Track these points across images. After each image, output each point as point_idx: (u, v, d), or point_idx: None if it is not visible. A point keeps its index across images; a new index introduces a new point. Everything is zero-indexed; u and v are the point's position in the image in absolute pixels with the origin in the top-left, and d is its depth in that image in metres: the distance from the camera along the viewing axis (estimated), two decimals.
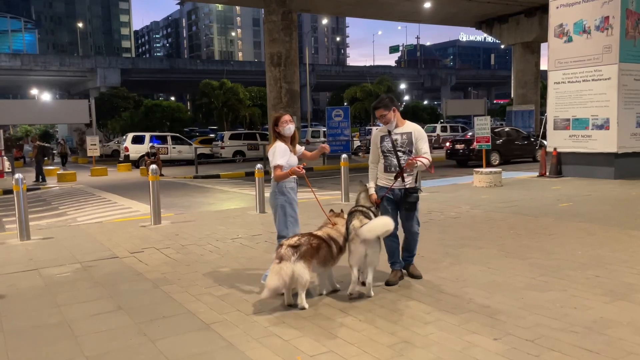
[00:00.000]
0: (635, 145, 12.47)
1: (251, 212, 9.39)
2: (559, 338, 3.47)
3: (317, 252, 4.21)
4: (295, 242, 4.14)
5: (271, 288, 3.98)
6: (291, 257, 4.02)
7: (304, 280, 4.05)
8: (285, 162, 4.62)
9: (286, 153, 4.66)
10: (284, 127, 4.70)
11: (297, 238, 4.21)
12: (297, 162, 4.77)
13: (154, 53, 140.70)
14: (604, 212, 8.21)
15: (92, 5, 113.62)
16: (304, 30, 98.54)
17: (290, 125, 4.72)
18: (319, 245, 4.25)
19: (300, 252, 4.06)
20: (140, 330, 3.86)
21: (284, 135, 4.74)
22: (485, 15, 33.47)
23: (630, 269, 5.01)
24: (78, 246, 6.85)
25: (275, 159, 4.63)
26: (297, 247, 4.09)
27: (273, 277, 3.99)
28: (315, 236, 4.32)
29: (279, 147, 4.67)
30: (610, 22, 12.02)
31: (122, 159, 25.33)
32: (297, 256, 4.03)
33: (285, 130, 4.71)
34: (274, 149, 4.68)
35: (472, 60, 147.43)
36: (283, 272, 3.98)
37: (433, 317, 3.92)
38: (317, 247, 4.21)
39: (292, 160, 4.72)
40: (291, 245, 4.12)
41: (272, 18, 23.18)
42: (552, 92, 13.47)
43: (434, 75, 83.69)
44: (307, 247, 4.13)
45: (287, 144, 4.74)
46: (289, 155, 4.68)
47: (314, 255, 4.16)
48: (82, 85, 61.59)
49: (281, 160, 4.61)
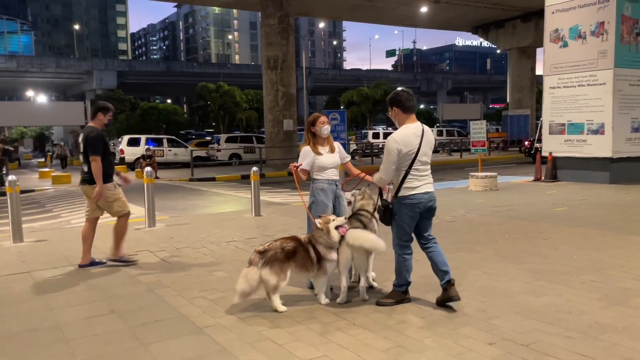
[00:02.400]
0: (630, 150, 12.51)
1: (246, 215, 9.36)
2: (555, 343, 3.46)
3: (292, 256, 4.17)
4: (263, 248, 4.21)
5: (239, 291, 4.15)
6: (258, 262, 4.12)
7: (270, 285, 4.12)
8: (307, 165, 4.67)
9: (307, 155, 4.69)
10: (321, 127, 4.71)
11: (268, 243, 4.27)
12: (332, 164, 4.73)
13: (150, 56, 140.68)
14: (599, 216, 8.22)
15: (88, 7, 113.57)
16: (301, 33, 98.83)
17: (327, 126, 4.74)
18: (295, 249, 4.20)
19: (266, 257, 4.12)
20: (133, 334, 3.83)
21: (320, 136, 4.74)
22: (482, 20, 33.62)
23: (626, 273, 5.00)
24: (72, 249, 6.79)
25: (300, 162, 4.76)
26: (264, 252, 4.16)
27: (240, 281, 4.16)
28: (293, 240, 4.28)
29: (302, 150, 4.77)
30: (606, 28, 12.07)
31: (118, 161, 25.24)
32: (264, 261, 4.10)
33: (322, 130, 4.72)
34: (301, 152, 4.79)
35: (469, 64, 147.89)
36: (249, 276, 4.12)
37: (428, 322, 3.90)
38: (291, 252, 4.18)
39: (322, 161, 4.68)
40: (259, 251, 4.21)
41: (269, 21, 23.21)
42: (547, 97, 13.50)
43: (431, 79, 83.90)
44: (275, 252, 4.14)
45: (318, 146, 4.73)
46: (312, 157, 4.67)
47: (284, 260, 4.13)
48: (78, 88, 61.48)
49: (303, 164, 4.69)
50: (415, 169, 4.14)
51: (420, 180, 4.17)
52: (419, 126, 4.21)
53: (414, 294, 4.48)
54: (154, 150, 22.88)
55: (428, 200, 4.18)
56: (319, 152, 4.70)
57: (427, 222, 4.29)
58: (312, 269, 4.23)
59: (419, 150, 4.12)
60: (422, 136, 4.16)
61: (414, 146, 4.11)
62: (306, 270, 4.25)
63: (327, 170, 4.70)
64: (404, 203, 4.16)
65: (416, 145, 4.12)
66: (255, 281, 4.11)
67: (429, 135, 4.24)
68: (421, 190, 4.15)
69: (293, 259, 4.18)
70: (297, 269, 4.22)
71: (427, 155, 4.21)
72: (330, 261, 4.23)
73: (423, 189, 4.16)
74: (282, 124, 23.58)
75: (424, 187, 4.17)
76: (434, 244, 4.28)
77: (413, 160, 4.11)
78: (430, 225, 4.32)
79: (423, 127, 4.22)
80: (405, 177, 4.15)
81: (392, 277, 4.40)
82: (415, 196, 4.14)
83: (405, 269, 4.27)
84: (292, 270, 4.19)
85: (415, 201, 4.14)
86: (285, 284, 4.19)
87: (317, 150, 4.70)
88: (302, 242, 4.27)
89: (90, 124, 6.01)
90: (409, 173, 4.14)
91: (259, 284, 4.14)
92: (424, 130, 4.20)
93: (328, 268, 4.24)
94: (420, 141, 4.14)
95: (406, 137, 4.13)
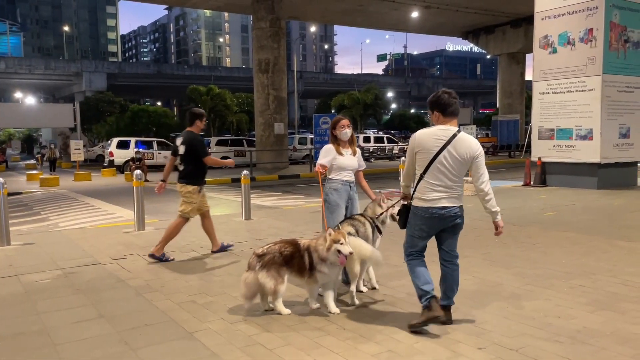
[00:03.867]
0: (618, 155, 12.65)
1: (237, 218, 9.33)
2: (544, 348, 3.48)
3: (289, 261, 4.14)
4: (262, 251, 4.20)
5: (241, 296, 4.23)
6: (255, 265, 4.12)
7: (267, 288, 4.10)
8: (326, 162, 4.78)
9: (329, 153, 4.82)
10: (341, 131, 4.85)
11: (267, 247, 4.25)
12: (350, 165, 4.87)
13: (141, 58, 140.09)
14: (588, 221, 8.29)
15: (78, 9, 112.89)
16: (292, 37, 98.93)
17: (347, 130, 4.86)
18: (292, 254, 4.16)
19: (263, 260, 4.11)
20: (121, 339, 3.79)
21: (341, 139, 4.88)
22: (472, 26, 33.87)
23: (614, 278, 5.05)
24: (59, 252, 6.74)
25: (319, 159, 4.86)
26: (261, 256, 4.15)
27: (240, 286, 4.22)
28: (292, 244, 4.23)
29: (324, 148, 4.91)
30: (594, 34, 12.21)
31: (107, 164, 25.08)
32: (261, 265, 4.10)
33: (342, 134, 4.86)
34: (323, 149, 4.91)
35: (459, 69, 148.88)
36: (248, 280, 4.13)
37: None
38: (289, 256, 4.15)
39: (342, 162, 4.82)
40: (257, 254, 4.20)
41: (260, 25, 23.21)
42: (536, 103, 13.62)
43: (421, 84, 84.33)
44: (273, 256, 4.12)
45: (340, 147, 4.87)
46: (333, 156, 4.81)
47: (282, 264, 4.11)
48: (68, 89, 61.07)
49: (322, 160, 4.80)
50: (431, 177, 3.68)
51: (437, 192, 3.67)
52: (451, 130, 3.68)
53: (405, 301, 4.48)
54: (144, 153, 22.75)
55: (445, 217, 3.70)
56: (340, 152, 4.84)
57: (449, 236, 3.83)
58: (305, 275, 4.18)
59: (437, 156, 3.64)
60: (448, 142, 3.63)
61: (430, 149, 3.66)
62: (301, 276, 4.20)
63: (345, 171, 4.83)
64: (416, 213, 3.78)
65: (434, 149, 3.65)
66: (254, 284, 4.11)
67: (461, 144, 3.66)
68: (437, 204, 3.67)
69: (290, 264, 4.15)
70: (294, 274, 4.19)
71: (450, 166, 3.65)
72: (321, 273, 4.11)
73: (440, 203, 3.67)
74: (273, 128, 23.57)
75: (441, 201, 3.67)
76: (451, 264, 3.85)
77: (428, 166, 3.68)
78: (454, 242, 3.86)
79: (456, 134, 3.66)
80: (418, 183, 3.75)
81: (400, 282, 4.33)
82: (428, 209, 3.70)
83: (413, 277, 3.84)
84: (288, 274, 4.17)
85: (427, 215, 3.71)
86: (283, 288, 4.15)
87: (339, 150, 4.84)
88: (299, 248, 4.20)
89: (190, 129, 6.42)
90: (422, 179, 3.72)
91: (258, 286, 4.12)
92: (456, 137, 3.65)
93: (318, 278, 4.15)
94: (443, 147, 3.63)
95: (423, 136, 3.72)
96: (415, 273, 3.83)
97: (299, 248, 4.20)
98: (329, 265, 4.06)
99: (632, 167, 13.17)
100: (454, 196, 3.73)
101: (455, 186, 3.73)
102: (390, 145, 32.13)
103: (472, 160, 3.72)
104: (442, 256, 3.89)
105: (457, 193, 3.75)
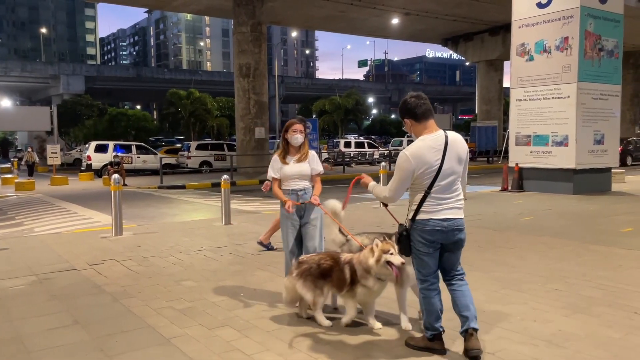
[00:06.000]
0: (592, 161, 12.90)
1: (217, 223, 9.27)
2: (520, 351, 3.52)
3: (327, 274, 3.95)
4: (302, 259, 4.16)
5: (284, 301, 4.26)
6: (293, 272, 4.09)
7: (306, 299, 4.03)
8: (276, 175, 4.59)
9: (274, 165, 4.61)
10: (292, 135, 4.56)
11: (309, 256, 4.18)
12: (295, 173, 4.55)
13: (120, 61, 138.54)
14: (563, 226, 8.43)
15: (56, 11, 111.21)
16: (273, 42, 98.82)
17: (299, 135, 4.55)
18: (331, 267, 3.95)
19: (300, 269, 4.05)
20: (97, 346, 3.73)
21: (291, 144, 4.60)
22: (452, 33, 34.25)
23: (589, 282, 5.14)
24: (34, 258, 6.61)
25: (268, 172, 4.66)
26: (300, 263, 4.11)
27: (283, 291, 4.23)
28: (332, 258, 4.03)
29: (272, 159, 4.66)
30: (570, 43, 12.46)
31: (84, 168, 24.69)
32: (297, 273, 4.05)
33: (293, 139, 4.57)
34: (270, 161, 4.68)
35: (439, 76, 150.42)
36: (286, 285, 4.17)
37: (396, 330, 3.92)
38: (327, 269, 3.96)
39: (286, 171, 4.56)
40: (298, 260, 4.18)
41: (241, 29, 23.14)
42: (514, 109, 13.83)
43: (402, 89, 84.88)
44: (309, 267, 4.01)
45: (288, 154, 4.61)
46: (279, 166, 4.58)
47: (318, 276, 3.96)
48: (44, 92, 60.04)
49: (271, 173, 4.62)
50: (438, 190, 3.34)
51: (441, 203, 3.35)
52: (440, 136, 3.38)
53: (384, 307, 4.50)
54: (122, 157, 22.47)
55: (449, 230, 3.35)
56: (284, 161, 4.59)
57: (451, 255, 3.47)
58: (344, 289, 3.92)
59: (442, 167, 3.31)
60: (445, 149, 3.34)
61: (432, 164, 3.31)
62: (340, 290, 3.97)
63: (292, 180, 4.56)
64: (416, 229, 3.40)
65: (436, 162, 3.31)
66: (292, 290, 4.07)
67: (457, 145, 3.40)
68: (439, 215, 3.33)
69: (328, 277, 3.96)
70: (332, 288, 4.02)
71: (454, 172, 3.38)
72: (365, 287, 3.77)
73: (442, 215, 3.33)
74: (253, 132, 23.49)
75: (443, 213, 3.34)
76: (458, 280, 3.49)
77: (433, 181, 3.33)
78: (456, 261, 3.50)
79: (446, 136, 3.38)
80: (423, 200, 3.36)
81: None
82: (429, 222, 3.35)
83: (427, 309, 3.48)
84: (328, 288, 4.02)
85: (429, 228, 3.35)
86: (323, 300, 4.04)
87: (282, 160, 4.60)
88: (339, 261, 3.96)
89: None
90: (428, 195, 3.34)
91: (297, 293, 4.05)
92: (448, 140, 3.37)
93: (358, 293, 3.83)
94: (443, 156, 3.32)
95: (421, 152, 3.33)
96: (428, 304, 3.48)
97: (339, 262, 3.96)
98: (374, 279, 3.72)
99: (606, 173, 13.45)
100: (456, 207, 3.40)
101: (457, 196, 3.41)
102: (371, 151, 32.28)
103: (466, 158, 3.48)
104: (445, 277, 3.53)
105: (459, 204, 3.42)
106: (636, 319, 4.12)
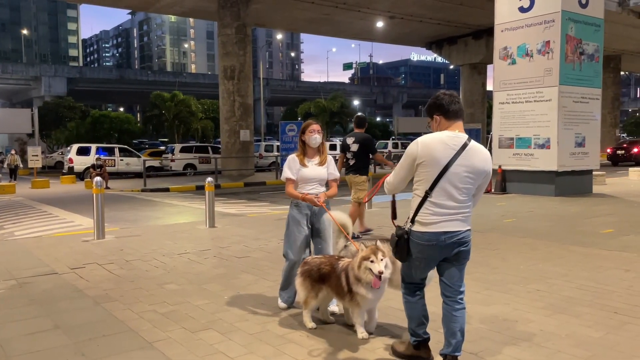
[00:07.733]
0: (574, 164, 13.07)
1: (201, 226, 9.21)
2: (502, 351, 3.55)
3: (325, 279, 3.91)
4: (307, 260, 4.14)
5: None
6: (299, 270, 4.13)
7: (299, 296, 4.08)
8: (293, 175, 4.35)
9: (293, 164, 4.38)
10: (310, 136, 4.36)
11: (315, 257, 4.16)
12: (315, 177, 4.38)
13: (103, 63, 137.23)
14: (545, 227, 8.53)
15: (38, 12, 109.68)
16: (258, 44, 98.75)
17: (317, 135, 4.36)
18: (329, 273, 3.90)
19: (302, 269, 4.06)
20: (78, 350, 3.68)
21: (309, 145, 4.40)
22: (436, 37, 34.51)
23: (569, 282, 5.20)
24: (14, 261, 6.51)
25: (284, 172, 4.42)
26: (305, 263, 4.11)
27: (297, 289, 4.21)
28: (330, 264, 3.96)
29: (288, 158, 4.43)
30: (551, 47, 12.63)
31: (66, 170, 24.39)
32: (300, 272, 4.07)
33: (311, 139, 4.37)
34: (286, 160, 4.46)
35: (423, 79, 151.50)
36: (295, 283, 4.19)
37: (379, 332, 3.93)
38: (325, 275, 3.91)
39: (305, 174, 4.36)
40: (304, 260, 4.18)
41: (226, 31, 23.09)
42: (497, 112, 13.97)
43: (386, 93, 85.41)
44: (310, 268, 3.99)
45: (307, 156, 4.43)
46: (297, 167, 4.36)
47: (317, 279, 3.93)
48: (26, 94, 59.26)
49: (288, 173, 4.38)
50: (439, 196, 3.04)
51: (440, 215, 3.04)
52: (461, 138, 3.05)
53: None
54: (105, 160, 22.25)
55: (446, 244, 3.06)
56: (304, 163, 4.39)
57: (451, 267, 3.16)
58: (345, 297, 3.78)
59: (448, 168, 3.00)
60: (459, 151, 3.01)
61: (438, 159, 3.01)
62: (341, 297, 3.85)
63: (309, 184, 4.36)
64: (412, 240, 3.13)
65: (444, 159, 3.01)
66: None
67: (475, 155, 3.05)
68: (436, 228, 3.03)
69: (327, 283, 3.91)
70: (333, 294, 3.95)
71: (460, 180, 3.03)
72: (360, 295, 3.63)
73: (439, 227, 3.03)
74: (238, 135, 23.43)
75: (441, 225, 3.03)
76: (453, 301, 3.19)
77: (435, 182, 3.02)
78: (456, 274, 3.19)
79: (468, 142, 3.03)
80: (420, 206, 3.09)
81: None
82: (424, 235, 3.06)
83: (408, 314, 3.35)
84: (326, 293, 3.95)
85: (424, 242, 3.08)
86: (315, 303, 4.00)
87: (303, 161, 4.39)
88: (336, 268, 3.87)
89: (359, 131, 8.10)
90: (426, 200, 3.06)
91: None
92: (467, 146, 3.03)
93: (359, 301, 3.68)
94: (454, 158, 3.00)
95: (430, 142, 3.04)
96: (409, 310, 3.34)
97: (336, 269, 3.87)
98: (366, 286, 3.56)
99: (587, 175, 13.65)
100: (458, 219, 3.07)
101: (463, 207, 3.08)
102: None
103: (484, 176, 3.13)
104: (442, 290, 3.25)
105: (463, 215, 3.09)
106: (616, 318, 4.18)
